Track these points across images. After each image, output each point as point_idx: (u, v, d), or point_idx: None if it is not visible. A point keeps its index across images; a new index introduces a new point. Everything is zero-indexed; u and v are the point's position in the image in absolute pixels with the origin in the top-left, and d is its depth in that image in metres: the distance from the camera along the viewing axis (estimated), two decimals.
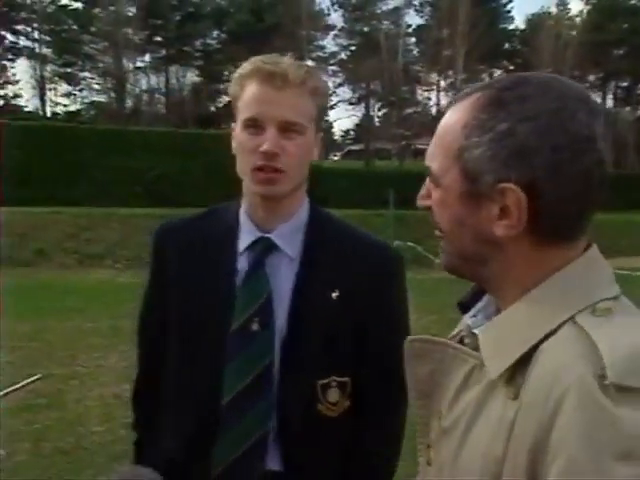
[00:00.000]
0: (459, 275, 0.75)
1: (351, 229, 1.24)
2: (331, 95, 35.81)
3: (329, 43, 35.29)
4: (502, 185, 0.66)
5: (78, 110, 33.74)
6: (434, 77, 35.72)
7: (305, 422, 1.15)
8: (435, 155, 0.72)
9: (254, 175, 1.12)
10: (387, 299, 1.19)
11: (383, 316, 1.18)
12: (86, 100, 33.96)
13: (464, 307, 0.80)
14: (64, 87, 33.57)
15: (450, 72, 33.34)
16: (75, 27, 31.68)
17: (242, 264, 1.17)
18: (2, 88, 31.77)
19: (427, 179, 0.75)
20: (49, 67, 32.71)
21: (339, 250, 1.18)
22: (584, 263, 0.69)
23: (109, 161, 16.12)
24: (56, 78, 32.89)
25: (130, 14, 31.09)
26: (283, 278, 1.16)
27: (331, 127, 43.09)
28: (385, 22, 34.14)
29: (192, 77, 34.03)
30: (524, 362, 0.66)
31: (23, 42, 32.48)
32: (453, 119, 0.71)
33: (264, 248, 1.17)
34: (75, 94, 33.81)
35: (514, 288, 0.70)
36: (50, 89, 33.04)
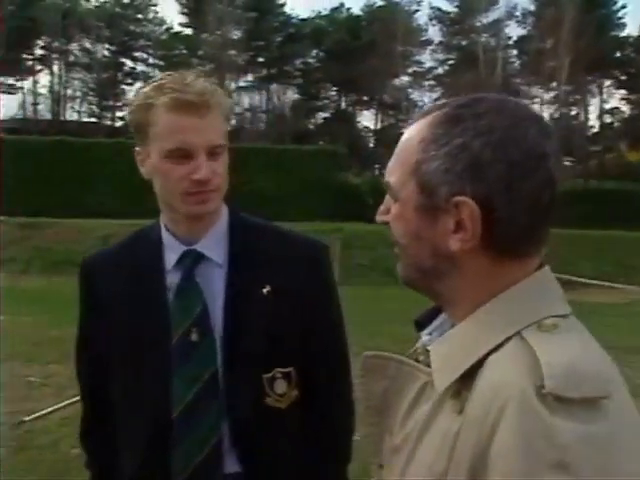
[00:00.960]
0: (416, 289, 0.76)
1: (273, 227, 1.30)
2: None
3: (426, 58, 34.86)
4: (457, 198, 0.67)
5: None
6: (536, 90, 34.33)
7: (257, 418, 1.18)
8: (394, 170, 0.74)
9: (187, 199, 1.15)
10: (318, 285, 1.24)
11: (317, 300, 1.22)
12: None
13: (421, 325, 0.81)
14: None
15: (554, 84, 31.89)
16: (185, 51, 33.58)
17: (172, 279, 1.21)
18: (122, 110, 34.09)
19: (387, 195, 0.76)
20: None
21: (264, 248, 1.22)
22: (534, 281, 0.70)
23: None
24: None
25: (235, 37, 32.53)
26: (215, 285, 1.20)
27: None
28: (484, 35, 33.33)
29: (292, 95, 34.95)
30: (470, 376, 0.67)
31: (140, 67, 34.90)
32: (411, 135, 0.73)
33: (192, 260, 1.21)
34: None
35: (467, 304, 0.71)
36: None
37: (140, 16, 35.63)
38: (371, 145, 35.03)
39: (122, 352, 1.21)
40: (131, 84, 35.29)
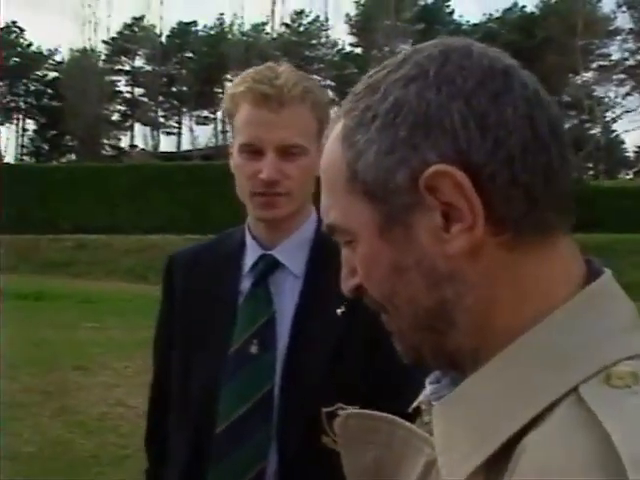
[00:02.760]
0: (428, 364, 0.55)
1: None
2: (614, 106, 31.87)
3: (613, 49, 31.31)
4: (426, 173, 0.48)
5: None
6: None
7: (308, 456, 1.03)
8: (328, 206, 0.55)
9: (254, 200, 1.09)
10: None
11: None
12: None
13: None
14: None
15: None
16: (355, 70, 34.38)
17: (246, 284, 1.14)
18: None
19: (343, 252, 0.57)
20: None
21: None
22: (589, 297, 0.48)
23: None
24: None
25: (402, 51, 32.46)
26: (287, 297, 1.12)
27: (622, 142, 38.11)
28: None
29: None
30: (499, 460, 0.46)
31: None
32: (328, 149, 0.56)
33: (266, 266, 1.13)
34: None
35: (489, 338, 0.49)
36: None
37: (314, 41, 37.35)
38: None
39: (180, 351, 1.16)
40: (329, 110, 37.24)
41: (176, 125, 40.45)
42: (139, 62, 40.19)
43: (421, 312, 0.51)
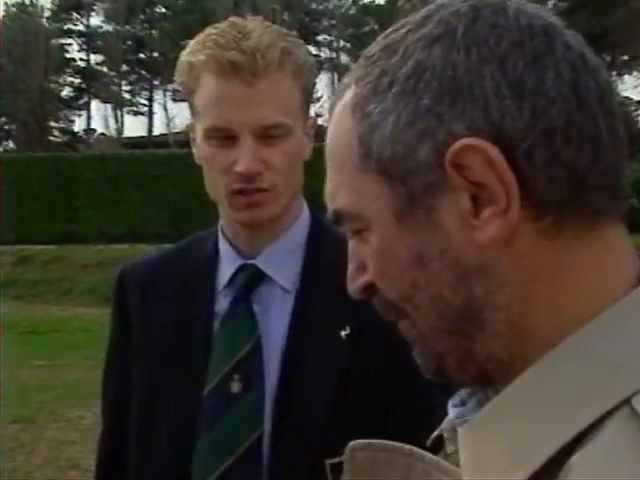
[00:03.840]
0: (454, 378, 0.58)
1: None
2: None
3: None
4: (453, 148, 0.51)
5: None
6: None
7: None
8: (336, 187, 0.59)
9: (232, 200, 1.09)
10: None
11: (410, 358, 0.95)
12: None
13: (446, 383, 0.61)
14: None
15: None
16: (376, 26, 34.39)
17: (222, 303, 1.14)
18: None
19: (350, 244, 0.60)
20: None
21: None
22: None
23: None
24: None
25: None
26: (276, 318, 1.13)
27: None
28: None
29: None
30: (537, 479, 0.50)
31: (324, 54, 36.60)
32: (335, 121, 0.59)
33: (248, 279, 1.14)
34: None
35: (522, 343, 0.53)
36: None
37: None
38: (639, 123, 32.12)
39: (140, 394, 1.16)
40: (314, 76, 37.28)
41: (146, 103, 39.60)
42: (96, 20, 40.40)
43: (447, 311, 0.54)
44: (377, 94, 0.55)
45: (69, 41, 39.68)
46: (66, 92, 39.34)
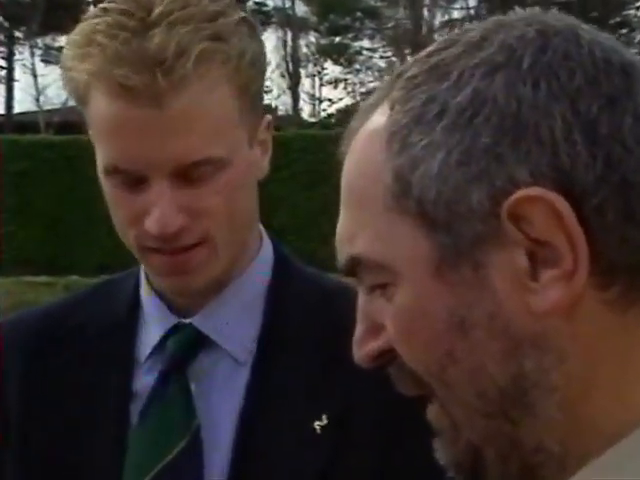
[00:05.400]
0: (494, 475, 0.52)
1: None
2: None
3: None
4: (513, 197, 0.47)
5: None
6: None
7: None
8: (356, 228, 0.53)
9: (147, 259, 0.89)
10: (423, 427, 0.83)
11: (418, 461, 0.79)
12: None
13: None
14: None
15: None
16: None
17: (144, 380, 0.94)
18: None
19: (360, 300, 0.55)
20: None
21: (329, 337, 0.91)
22: None
23: None
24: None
25: None
26: (222, 401, 0.93)
27: None
28: None
29: None
30: None
31: (273, 2, 30.47)
32: (360, 151, 0.53)
33: (182, 345, 0.93)
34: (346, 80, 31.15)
35: (579, 431, 0.49)
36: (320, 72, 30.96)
37: None
38: None
39: None
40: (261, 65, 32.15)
41: (2, 65, 30.33)
42: None
43: (489, 390, 0.49)
44: (422, 124, 0.49)
45: None
46: None
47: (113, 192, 0.88)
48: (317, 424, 0.89)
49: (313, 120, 28.45)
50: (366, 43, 30.11)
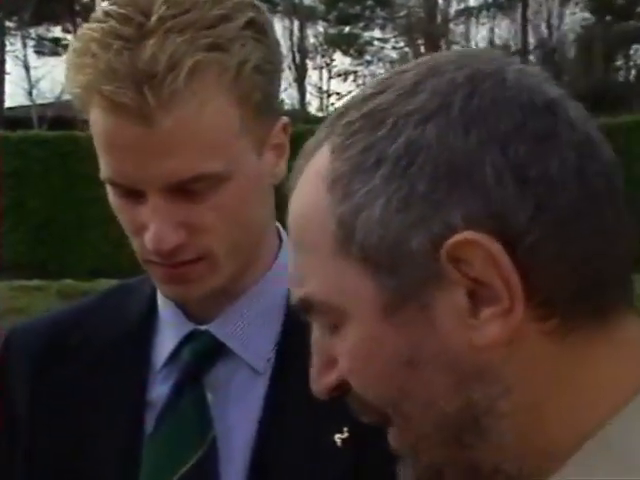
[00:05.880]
0: None
1: None
2: None
3: None
4: (451, 241, 0.50)
5: None
6: None
7: None
8: (305, 270, 0.56)
9: (149, 269, 0.91)
10: None
11: None
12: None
13: None
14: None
15: None
16: None
17: (158, 390, 0.94)
18: None
19: (314, 337, 0.58)
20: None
21: None
22: None
23: None
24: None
25: None
26: (240, 412, 0.92)
27: None
28: None
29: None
30: None
31: None
32: (304, 192, 0.57)
33: (198, 353, 0.93)
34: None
35: (531, 453, 0.53)
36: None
37: None
38: None
39: None
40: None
41: None
42: None
43: (443, 421, 0.52)
44: (361, 172, 0.52)
45: None
46: None
47: (116, 200, 0.88)
48: (338, 437, 0.88)
49: (321, 115, 27.46)
50: (377, 33, 29.51)
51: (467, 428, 0.52)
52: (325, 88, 30.23)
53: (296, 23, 27.12)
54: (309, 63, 28.60)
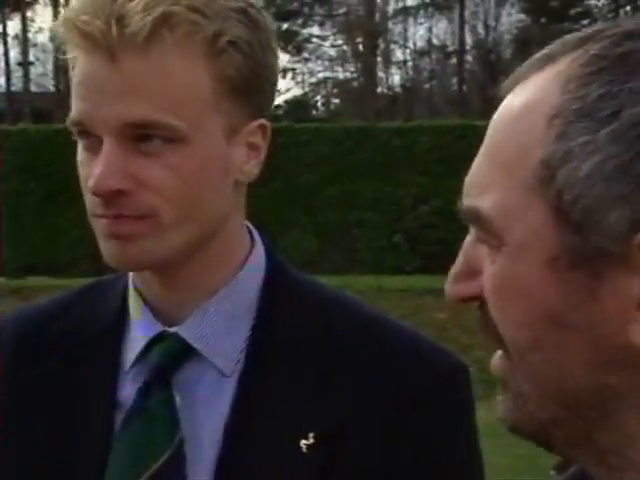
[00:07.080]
0: (538, 441, 0.56)
1: (364, 312, 0.98)
2: None
3: None
4: None
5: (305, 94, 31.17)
6: None
7: None
8: (489, 182, 0.53)
9: (94, 224, 0.90)
10: (435, 451, 0.92)
11: (421, 471, 0.92)
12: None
13: (562, 470, 0.62)
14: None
15: None
16: None
17: (127, 390, 0.93)
18: None
19: (468, 239, 0.56)
20: None
21: (323, 350, 0.93)
22: None
23: (341, 184, 13.72)
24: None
25: None
26: (207, 414, 0.92)
27: None
28: None
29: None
30: None
31: None
32: (524, 106, 0.52)
33: (167, 354, 0.92)
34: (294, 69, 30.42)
35: None
36: None
37: None
38: None
39: None
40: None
41: None
42: None
43: (571, 387, 0.51)
44: (589, 119, 0.48)
45: None
46: None
47: (80, 155, 0.88)
48: (303, 442, 0.87)
49: None
50: (316, 30, 29.46)
51: (593, 405, 0.50)
52: None
53: None
54: None
